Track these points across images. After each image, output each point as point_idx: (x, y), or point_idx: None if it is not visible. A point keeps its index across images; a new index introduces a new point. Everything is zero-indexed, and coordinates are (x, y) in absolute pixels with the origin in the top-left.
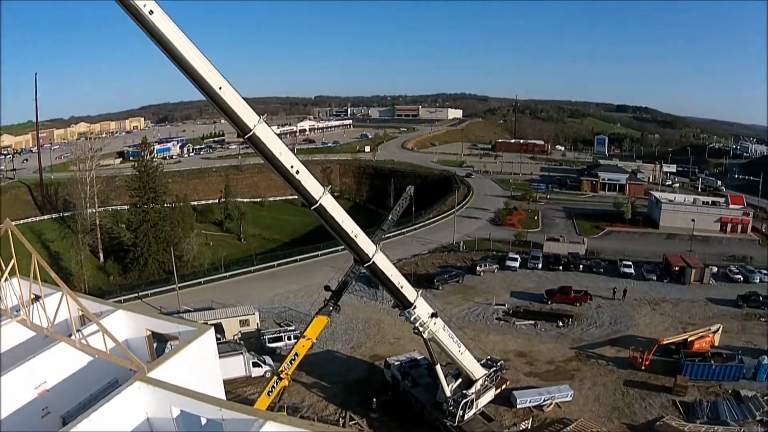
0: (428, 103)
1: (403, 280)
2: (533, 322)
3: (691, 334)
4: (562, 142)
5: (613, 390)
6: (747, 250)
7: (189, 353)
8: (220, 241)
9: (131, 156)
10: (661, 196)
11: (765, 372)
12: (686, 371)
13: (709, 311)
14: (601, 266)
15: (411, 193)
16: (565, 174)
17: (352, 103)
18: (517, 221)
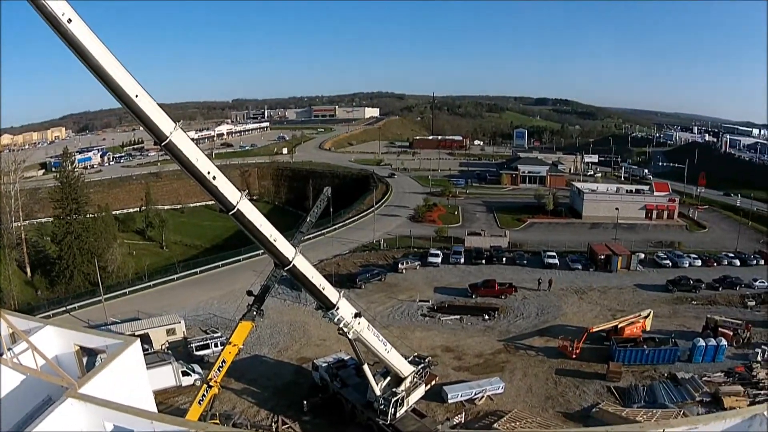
0: (345, 102)
1: (324, 281)
2: (459, 316)
3: (621, 320)
4: (481, 136)
5: (545, 380)
6: (675, 236)
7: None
8: (142, 250)
9: (53, 167)
10: (583, 186)
11: (700, 354)
12: (618, 357)
13: (638, 297)
14: (524, 258)
15: (328, 194)
16: (484, 168)
17: (269, 106)
18: (437, 217)
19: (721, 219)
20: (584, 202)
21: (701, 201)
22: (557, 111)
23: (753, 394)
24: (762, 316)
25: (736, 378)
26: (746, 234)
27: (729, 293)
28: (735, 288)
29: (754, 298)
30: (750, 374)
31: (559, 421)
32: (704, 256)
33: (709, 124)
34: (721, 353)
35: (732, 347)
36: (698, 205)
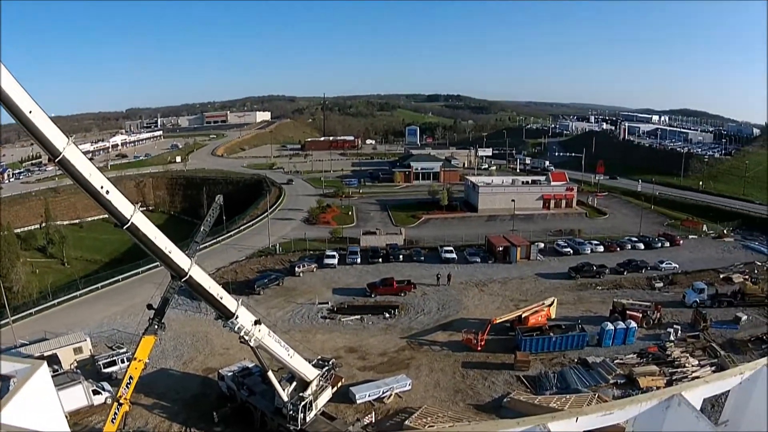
0: (237, 107)
1: (221, 291)
2: (359, 316)
3: (525, 310)
4: (373, 135)
5: (452, 374)
6: (574, 224)
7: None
8: (45, 267)
9: None
10: (478, 180)
11: (610, 337)
12: (525, 346)
13: (540, 286)
14: (421, 254)
15: (220, 202)
16: (377, 167)
17: (162, 114)
18: (331, 218)
19: (622, 204)
20: (479, 195)
21: (601, 188)
22: (450, 107)
23: (669, 373)
24: (671, 296)
25: (649, 358)
26: (650, 218)
27: (635, 276)
28: (641, 271)
29: (661, 280)
30: (664, 354)
31: (471, 413)
32: (606, 242)
33: (606, 113)
34: (632, 335)
35: (643, 329)
36: (598, 192)
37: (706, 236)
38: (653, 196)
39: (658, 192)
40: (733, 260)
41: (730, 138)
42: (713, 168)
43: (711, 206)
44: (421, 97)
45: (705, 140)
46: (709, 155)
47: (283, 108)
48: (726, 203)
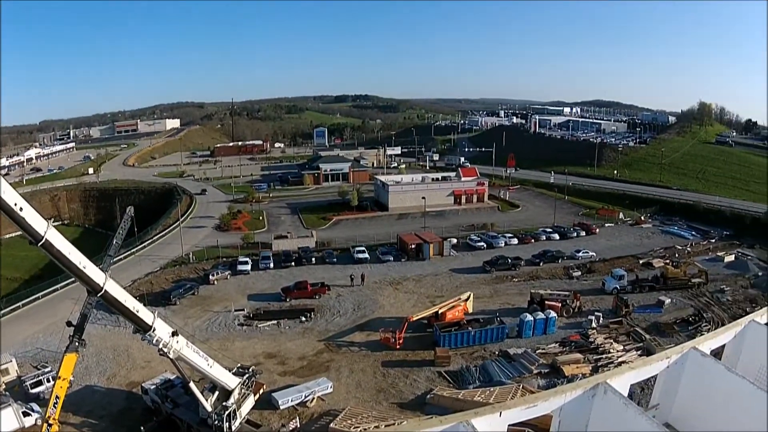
0: (147, 116)
1: (137, 304)
2: (275, 321)
3: (441, 306)
4: (282, 139)
5: (373, 373)
6: (487, 218)
7: None
8: None
9: None
10: (387, 178)
11: (530, 328)
12: (444, 342)
13: (455, 281)
14: (333, 256)
15: (131, 213)
16: (286, 171)
17: (75, 125)
18: (242, 224)
19: (534, 196)
20: (389, 194)
21: (512, 181)
22: (358, 107)
23: (594, 359)
24: (590, 284)
25: (572, 347)
26: (564, 208)
27: (551, 267)
28: (557, 261)
29: (579, 269)
30: (587, 341)
31: (396, 412)
32: (521, 234)
33: (516, 107)
34: (552, 325)
35: (563, 318)
36: (509, 185)
37: (623, 223)
38: (566, 187)
39: (572, 183)
40: (652, 245)
41: (645, 126)
42: (628, 156)
43: (627, 194)
44: (329, 98)
45: (619, 130)
46: (624, 144)
47: (193, 114)
48: (643, 190)
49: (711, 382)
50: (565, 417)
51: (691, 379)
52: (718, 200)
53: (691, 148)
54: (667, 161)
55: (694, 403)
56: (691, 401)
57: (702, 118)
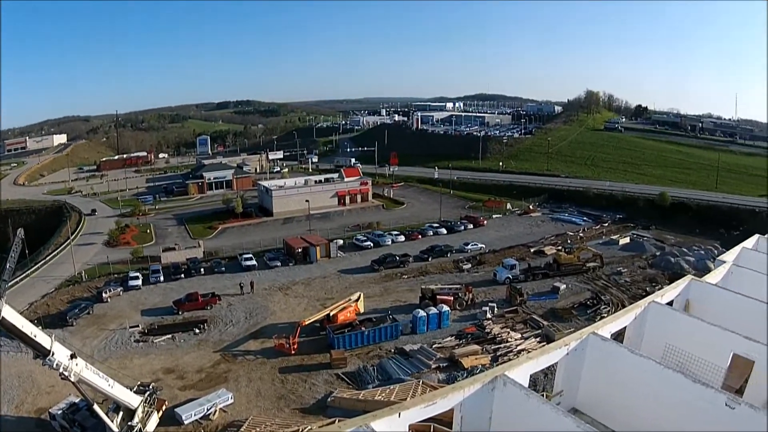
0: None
1: (34, 329)
2: (170, 335)
3: (332, 308)
4: (165, 149)
5: (271, 381)
6: (372, 217)
7: None
8: None
9: None
10: (270, 183)
11: (424, 323)
12: (338, 344)
13: (344, 282)
14: (222, 265)
15: (22, 236)
16: (171, 181)
17: None
18: (131, 238)
19: (419, 193)
20: (273, 199)
21: (396, 179)
22: (239, 112)
23: (493, 350)
24: (481, 276)
25: (469, 338)
26: (450, 203)
27: (441, 261)
28: (446, 255)
29: (468, 261)
30: (483, 332)
31: (298, 417)
32: (407, 231)
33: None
34: (446, 319)
35: (457, 311)
36: (393, 183)
37: (512, 214)
38: (451, 182)
39: (456, 177)
40: (543, 234)
41: (531, 117)
42: (513, 148)
43: (514, 185)
44: (211, 106)
45: (503, 122)
46: (509, 136)
47: (79, 129)
48: (531, 180)
49: (614, 365)
50: (466, 412)
51: (593, 364)
52: (609, 185)
53: (579, 135)
54: (554, 150)
55: (599, 386)
56: (596, 385)
57: (589, 106)
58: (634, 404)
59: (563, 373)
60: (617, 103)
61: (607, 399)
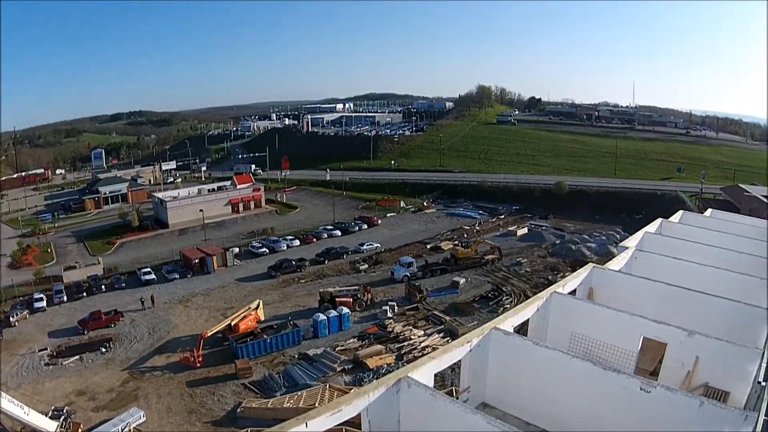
0: None
1: None
2: (78, 356)
3: (233, 317)
4: (62, 164)
5: (180, 395)
6: (266, 223)
7: None
8: None
9: None
10: (164, 195)
11: (324, 327)
12: (242, 353)
13: (243, 291)
14: (122, 281)
15: None
16: (68, 198)
17: None
18: (33, 259)
19: (312, 196)
20: (168, 210)
21: (288, 183)
22: (133, 124)
23: (396, 348)
24: (378, 275)
25: (371, 339)
26: (343, 204)
27: (337, 263)
28: (342, 257)
29: (365, 261)
30: (386, 331)
31: (211, 430)
32: (302, 235)
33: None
34: (347, 321)
35: (357, 312)
36: (285, 187)
37: (406, 211)
38: (344, 183)
39: (348, 178)
40: (439, 229)
41: (421, 114)
42: (404, 146)
43: (407, 182)
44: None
45: (394, 120)
46: (400, 134)
47: None
48: (424, 177)
49: (520, 358)
50: (373, 416)
51: (498, 359)
52: (504, 177)
53: (471, 130)
54: (446, 146)
55: (507, 380)
56: (504, 379)
57: (481, 100)
58: (546, 395)
59: (468, 369)
60: (510, 96)
61: (517, 392)
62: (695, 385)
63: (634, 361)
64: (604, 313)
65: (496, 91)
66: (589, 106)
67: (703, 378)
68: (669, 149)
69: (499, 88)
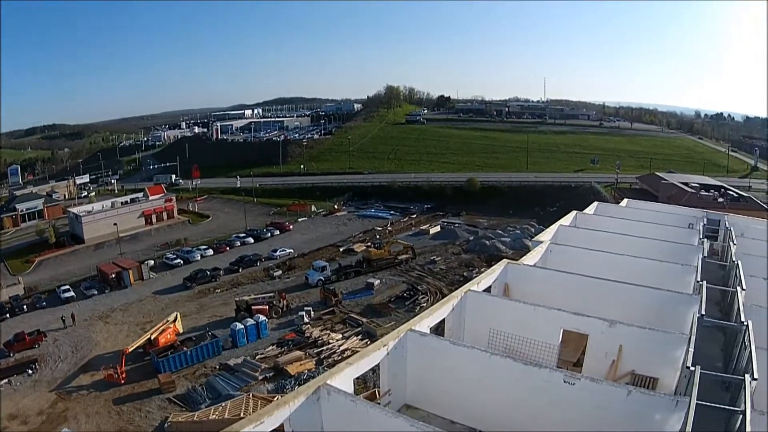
0: None
1: None
2: (6, 380)
3: (152, 332)
4: None
5: (108, 414)
6: (180, 233)
7: None
8: None
9: None
10: (79, 209)
11: (243, 336)
12: (164, 367)
13: (161, 304)
14: (42, 300)
15: None
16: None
17: None
18: None
19: (223, 204)
20: (83, 225)
21: (199, 192)
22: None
23: (316, 353)
24: (293, 281)
25: (290, 345)
26: (255, 211)
27: (251, 271)
28: (256, 264)
29: (279, 268)
30: (304, 337)
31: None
32: (215, 244)
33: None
34: (264, 328)
35: (274, 319)
36: (197, 197)
37: (317, 215)
38: (254, 189)
39: (259, 184)
40: (351, 232)
41: (330, 117)
42: (313, 149)
43: (317, 186)
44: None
45: (302, 124)
46: (308, 138)
47: None
48: (334, 180)
49: (438, 358)
50: (296, 426)
51: (416, 360)
52: (414, 177)
53: (380, 131)
54: (355, 148)
55: (427, 381)
56: (425, 380)
57: (390, 101)
58: (468, 394)
59: (387, 372)
60: (419, 96)
61: (439, 392)
62: (621, 373)
63: (556, 354)
64: (522, 308)
65: (404, 91)
66: (500, 102)
67: (629, 366)
68: (582, 141)
69: (408, 88)
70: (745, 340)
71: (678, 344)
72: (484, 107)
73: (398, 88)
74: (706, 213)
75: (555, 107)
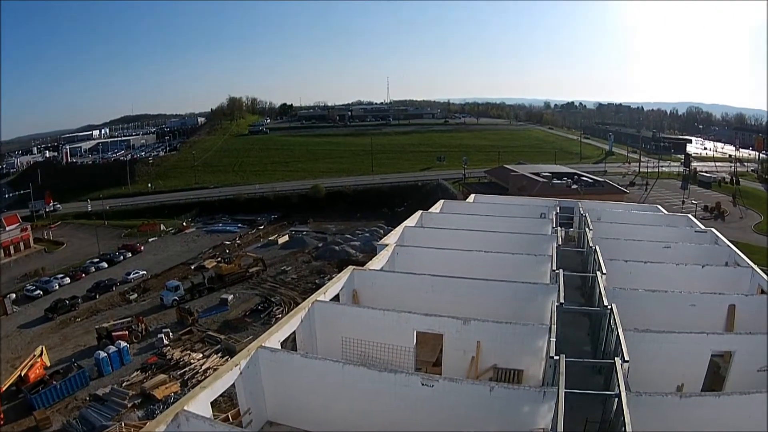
0: None
1: None
2: None
3: (21, 368)
4: None
5: None
6: (37, 263)
7: None
8: None
9: None
10: None
11: (107, 364)
12: (38, 404)
13: (26, 338)
14: None
15: None
16: None
17: None
18: None
19: (76, 229)
20: None
21: (53, 218)
22: None
23: (179, 375)
24: (149, 303)
25: (154, 369)
26: (106, 234)
27: (108, 296)
28: (112, 289)
29: (134, 291)
30: (166, 359)
31: None
32: (71, 272)
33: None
34: (127, 354)
35: (135, 344)
36: (51, 224)
37: (167, 234)
38: (105, 212)
39: (109, 206)
40: (200, 248)
41: (175, 133)
42: (160, 167)
43: (165, 204)
44: None
45: (148, 142)
46: (154, 155)
47: None
48: (181, 196)
49: (292, 373)
50: None
51: (271, 376)
52: (259, 187)
53: (224, 144)
54: (200, 162)
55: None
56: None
57: (232, 112)
58: (328, 405)
59: (244, 392)
60: (261, 105)
61: (300, 406)
62: (483, 368)
63: (413, 357)
64: (371, 313)
65: (247, 101)
66: (342, 107)
67: (489, 361)
68: (427, 140)
69: (250, 98)
70: (611, 323)
71: (539, 334)
72: (327, 113)
73: (240, 98)
74: (558, 201)
75: (399, 108)
